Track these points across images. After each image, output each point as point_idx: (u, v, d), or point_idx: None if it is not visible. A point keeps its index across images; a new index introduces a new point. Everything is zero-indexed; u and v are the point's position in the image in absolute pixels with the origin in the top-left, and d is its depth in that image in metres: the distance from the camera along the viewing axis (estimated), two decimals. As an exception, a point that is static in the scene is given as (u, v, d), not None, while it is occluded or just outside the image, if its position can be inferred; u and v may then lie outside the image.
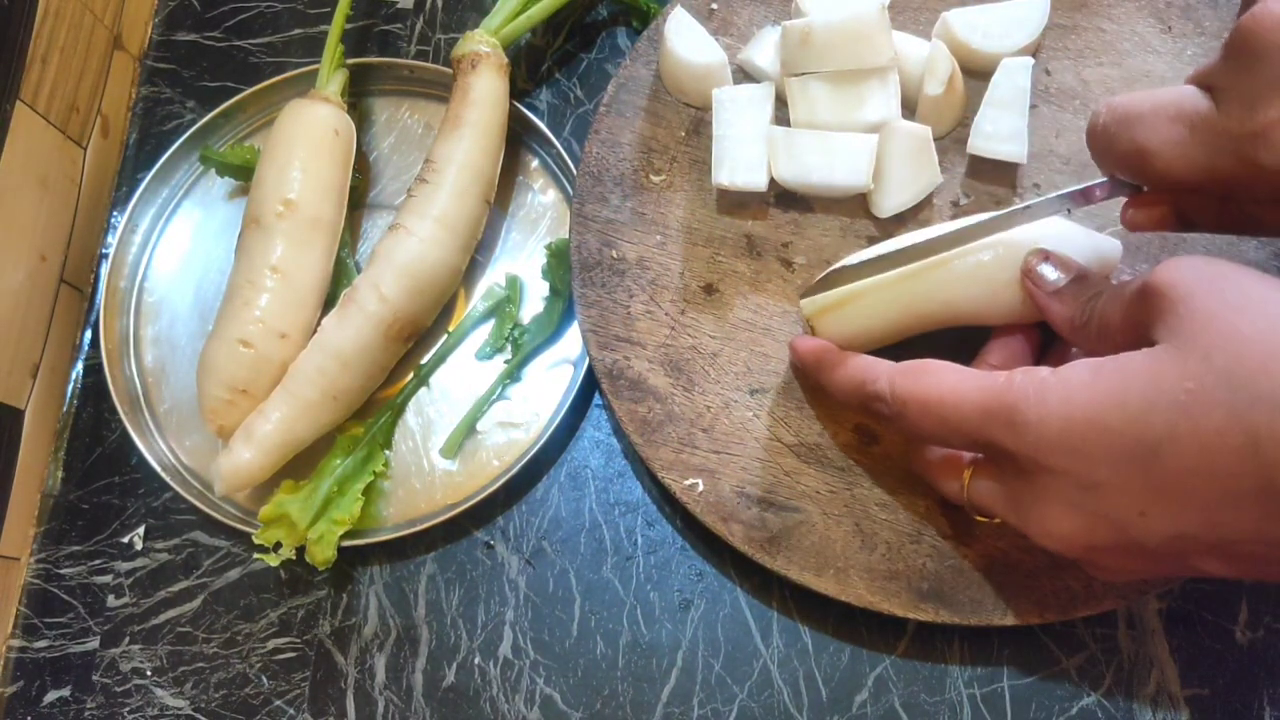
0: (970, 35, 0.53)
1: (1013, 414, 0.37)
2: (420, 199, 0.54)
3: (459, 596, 0.54)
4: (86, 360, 0.60)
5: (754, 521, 0.49)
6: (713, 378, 0.52)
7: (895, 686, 0.50)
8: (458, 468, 0.55)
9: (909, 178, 0.51)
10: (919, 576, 0.48)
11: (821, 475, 0.50)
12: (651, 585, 0.53)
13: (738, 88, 0.53)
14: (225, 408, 0.52)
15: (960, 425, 0.40)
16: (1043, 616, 0.47)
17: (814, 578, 0.48)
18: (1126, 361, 0.35)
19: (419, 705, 0.52)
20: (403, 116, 0.62)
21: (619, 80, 0.56)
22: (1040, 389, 0.37)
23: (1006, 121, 0.51)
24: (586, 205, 0.54)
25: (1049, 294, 0.43)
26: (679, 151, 0.55)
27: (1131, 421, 0.34)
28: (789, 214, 0.54)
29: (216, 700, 0.53)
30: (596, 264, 0.53)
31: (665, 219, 0.54)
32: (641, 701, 0.51)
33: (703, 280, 0.53)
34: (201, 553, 0.56)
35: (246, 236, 0.55)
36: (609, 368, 0.52)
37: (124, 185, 0.63)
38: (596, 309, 0.53)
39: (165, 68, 0.65)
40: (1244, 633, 0.50)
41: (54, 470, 0.58)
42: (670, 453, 0.50)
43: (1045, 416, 0.36)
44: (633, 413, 0.51)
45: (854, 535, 0.49)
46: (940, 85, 0.51)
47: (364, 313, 0.53)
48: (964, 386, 0.40)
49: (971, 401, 0.39)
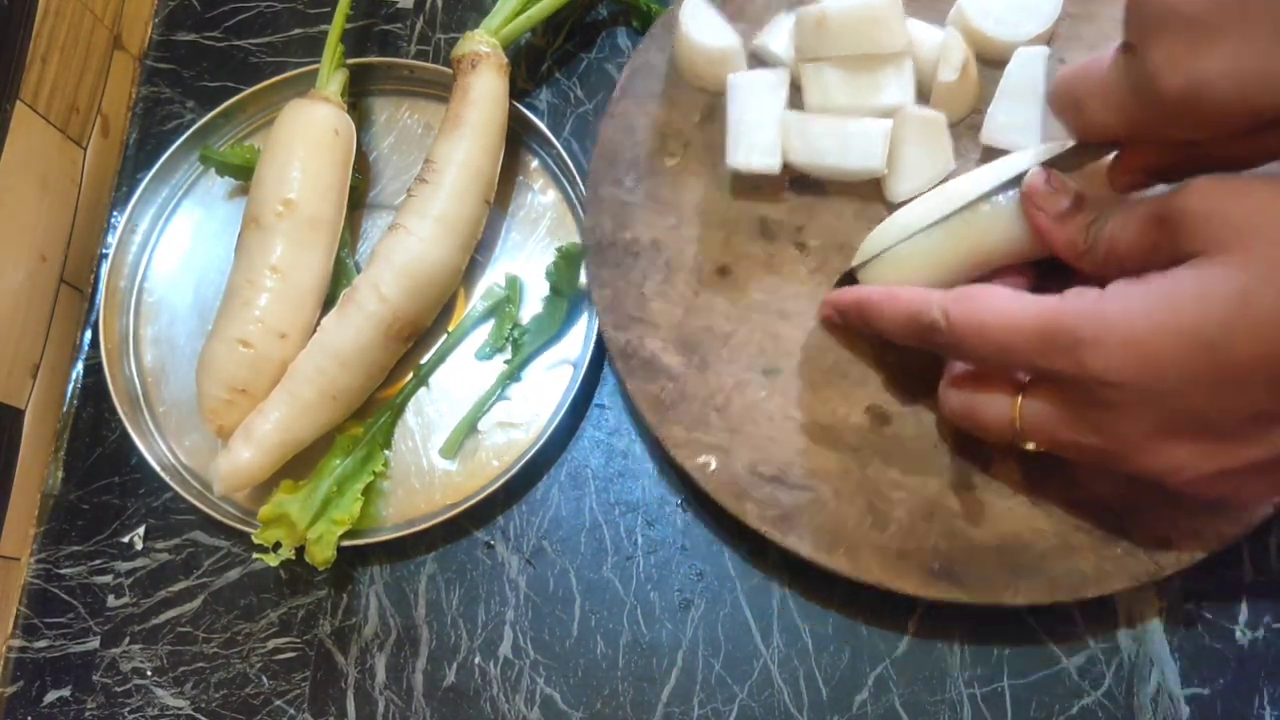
0: (984, 22, 0.53)
1: (1074, 334, 0.38)
2: (420, 199, 0.54)
3: (459, 596, 0.54)
4: (86, 360, 0.60)
5: (766, 500, 0.49)
6: (726, 358, 0.52)
7: (895, 686, 0.50)
8: (457, 468, 0.55)
9: (923, 163, 0.52)
10: (930, 555, 0.48)
11: (834, 455, 0.50)
12: (652, 585, 0.53)
13: (753, 72, 0.53)
14: (224, 407, 0.52)
15: (1018, 350, 0.40)
16: (1053, 597, 0.47)
17: (825, 556, 0.49)
18: (1173, 274, 0.37)
19: (419, 705, 0.52)
20: (403, 116, 0.62)
21: (634, 65, 0.57)
22: (1096, 307, 0.38)
23: (1020, 112, 0.51)
24: (601, 187, 0.55)
25: (1051, 219, 0.43)
26: (693, 136, 0.55)
27: (1191, 324, 0.36)
28: (803, 197, 0.54)
29: (217, 700, 0.53)
30: (610, 245, 0.54)
31: (679, 202, 0.54)
32: (641, 701, 0.51)
33: (716, 262, 0.53)
34: (201, 553, 0.56)
35: (246, 236, 0.55)
36: (622, 347, 0.52)
37: (124, 185, 0.63)
38: (610, 289, 0.53)
39: (165, 68, 0.65)
40: (1244, 633, 0.50)
41: (54, 470, 0.58)
42: (683, 431, 0.51)
43: (1107, 334, 0.37)
44: (646, 392, 0.51)
45: (866, 514, 0.49)
46: (954, 72, 0.51)
47: (364, 313, 0.53)
48: (1018, 310, 0.40)
49: (1028, 325, 0.40)
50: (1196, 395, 0.37)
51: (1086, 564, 0.47)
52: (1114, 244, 0.41)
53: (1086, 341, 0.38)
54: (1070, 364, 0.39)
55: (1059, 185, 0.44)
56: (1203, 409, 0.37)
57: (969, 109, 0.54)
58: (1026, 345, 0.40)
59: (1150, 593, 0.51)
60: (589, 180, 0.55)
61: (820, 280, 0.53)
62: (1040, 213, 0.44)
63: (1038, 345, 0.39)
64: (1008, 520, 0.48)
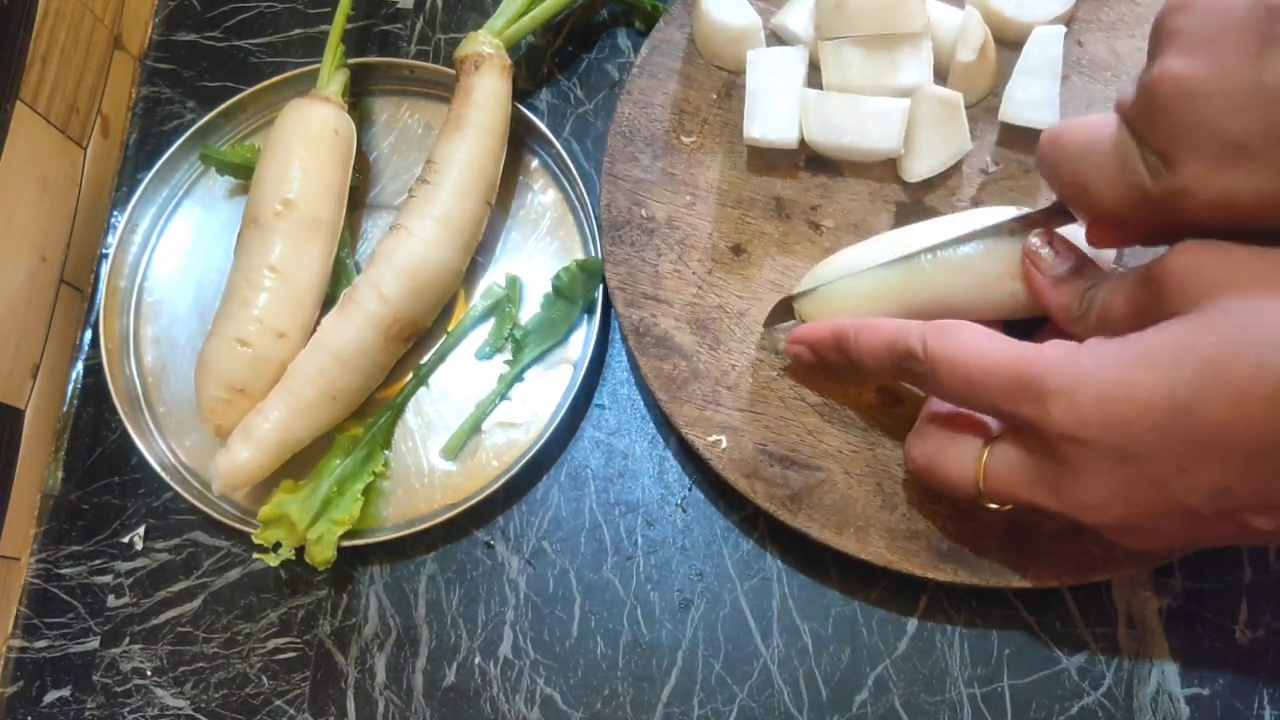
0: (1004, 4, 0.53)
1: (1042, 384, 0.37)
2: (421, 199, 0.54)
3: (459, 596, 0.54)
4: (86, 360, 0.60)
5: (776, 479, 0.50)
6: (738, 337, 0.52)
7: (895, 686, 0.50)
8: (457, 468, 0.55)
9: (939, 143, 0.52)
10: (939, 536, 0.48)
11: (844, 435, 0.50)
12: (651, 585, 0.53)
13: (772, 49, 0.54)
14: (223, 407, 0.52)
15: (988, 392, 0.39)
16: (1060, 580, 0.47)
17: (834, 535, 0.49)
18: (1151, 332, 0.36)
19: (419, 705, 0.52)
20: (403, 116, 0.62)
21: (652, 42, 0.57)
22: (1069, 358, 0.37)
23: (1039, 89, 0.51)
24: (617, 164, 0.55)
25: (1049, 279, 0.43)
26: (710, 114, 0.56)
27: (1163, 381, 0.35)
28: (818, 177, 0.54)
29: (216, 700, 0.53)
30: (625, 222, 0.54)
31: (695, 180, 0.55)
32: (641, 701, 0.51)
33: (731, 241, 0.54)
34: (201, 553, 0.56)
35: (245, 236, 0.55)
36: (635, 324, 0.52)
37: (124, 185, 0.63)
38: (624, 267, 0.53)
39: (165, 68, 0.65)
40: (1244, 633, 0.50)
41: (54, 470, 0.58)
42: (694, 409, 0.51)
43: (1077, 386, 0.37)
44: (658, 369, 0.52)
45: (875, 494, 0.49)
46: (973, 52, 0.51)
47: (364, 313, 0.53)
48: (993, 351, 0.40)
49: (1001, 368, 0.39)
50: (1163, 461, 0.36)
51: (1095, 547, 0.47)
52: (1106, 310, 0.40)
53: (1054, 392, 0.37)
54: (1037, 413, 0.38)
55: (1062, 249, 0.43)
56: (1166, 478, 0.36)
57: (987, 90, 0.54)
58: (996, 387, 0.39)
59: (1150, 593, 0.51)
60: (605, 157, 0.55)
61: None
62: (1038, 274, 0.43)
63: (1007, 389, 0.39)
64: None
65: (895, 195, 0.54)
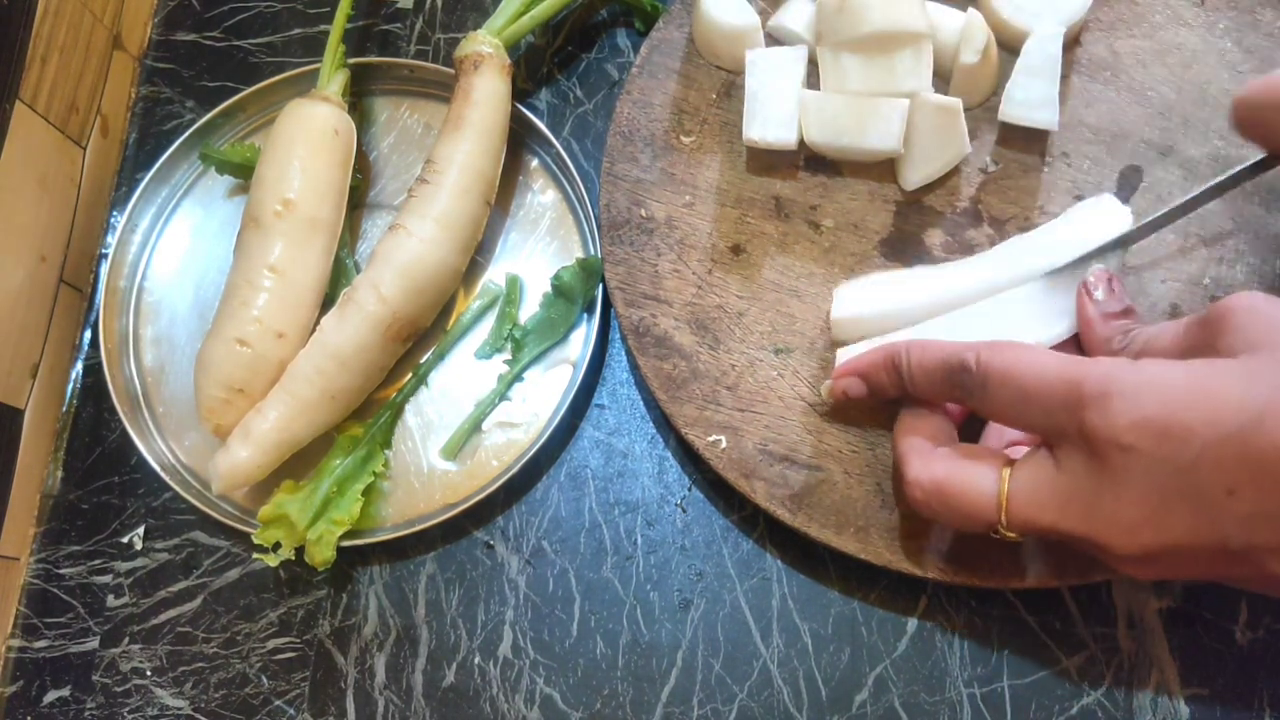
0: (1003, 6, 0.54)
1: (1105, 387, 0.37)
2: (421, 199, 0.54)
3: (459, 596, 0.54)
4: (86, 360, 0.60)
5: (776, 479, 0.50)
6: (738, 336, 0.52)
7: (895, 686, 0.50)
8: (457, 468, 0.55)
9: (936, 150, 0.52)
10: (939, 537, 0.48)
11: (844, 435, 0.51)
12: (651, 585, 0.53)
13: (771, 50, 0.54)
14: (222, 407, 0.52)
15: (1044, 398, 0.39)
16: (1061, 580, 0.47)
17: (834, 535, 0.49)
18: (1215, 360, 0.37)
19: (419, 705, 0.52)
20: (403, 116, 0.62)
21: (652, 42, 0.57)
22: (1134, 368, 0.38)
23: (1038, 88, 0.52)
24: (617, 164, 0.55)
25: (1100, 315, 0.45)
26: (710, 114, 0.56)
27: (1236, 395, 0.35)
28: (818, 177, 0.54)
29: (216, 700, 0.53)
30: (625, 222, 0.54)
31: (694, 180, 0.55)
32: (641, 701, 0.51)
33: (730, 240, 0.54)
34: (201, 553, 0.56)
35: (245, 236, 0.55)
36: (635, 324, 0.53)
37: (124, 185, 0.63)
38: (624, 267, 0.53)
39: (165, 67, 0.65)
40: (1244, 633, 0.50)
41: (54, 470, 0.58)
42: (694, 409, 0.51)
43: (1140, 390, 0.37)
44: (658, 369, 0.52)
45: (875, 494, 0.49)
46: (976, 54, 0.52)
47: (363, 313, 0.53)
48: (1051, 359, 0.40)
49: (1058, 375, 0.39)
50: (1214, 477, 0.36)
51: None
52: (1148, 347, 0.42)
53: (1117, 394, 0.37)
54: (1096, 416, 0.37)
55: (1118, 291, 0.46)
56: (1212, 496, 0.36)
57: (989, 93, 0.55)
58: (1051, 393, 0.39)
59: (1150, 593, 0.51)
60: (604, 156, 0.56)
61: (834, 260, 0.53)
62: (1090, 305, 0.46)
63: (1065, 394, 0.39)
64: None
65: (895, 195, 0.54)
